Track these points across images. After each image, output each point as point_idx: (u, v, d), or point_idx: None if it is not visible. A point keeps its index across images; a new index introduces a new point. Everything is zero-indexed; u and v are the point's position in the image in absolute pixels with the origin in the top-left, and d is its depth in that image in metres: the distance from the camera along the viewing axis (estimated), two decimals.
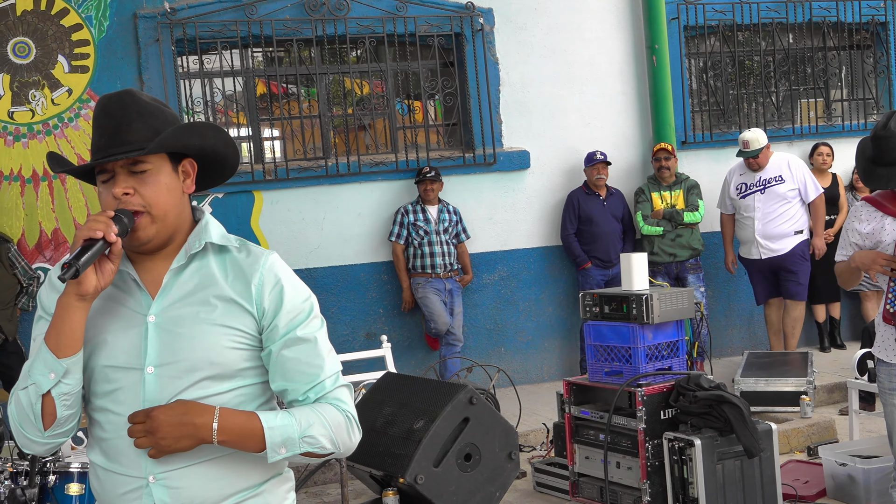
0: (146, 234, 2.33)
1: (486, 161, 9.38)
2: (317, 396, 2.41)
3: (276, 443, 2.31)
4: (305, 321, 2.42)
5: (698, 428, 5.56)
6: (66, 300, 2.25)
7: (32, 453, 2.52)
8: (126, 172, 2.31)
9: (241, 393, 2.36)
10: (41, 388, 2.26)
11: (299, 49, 9.10)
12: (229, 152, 2.48)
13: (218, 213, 8.65)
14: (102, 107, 2.33)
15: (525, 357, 9.56)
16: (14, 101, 8.24)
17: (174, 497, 2.29)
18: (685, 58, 10.20)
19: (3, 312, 7.66)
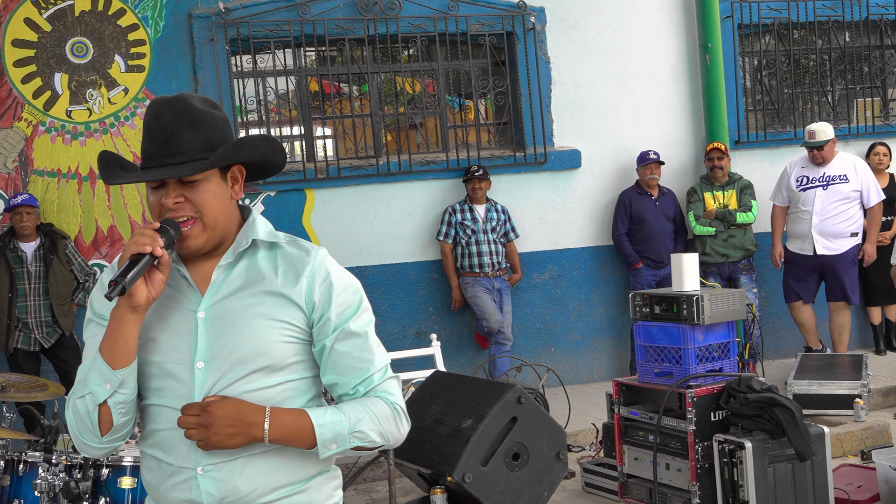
0: (196, 243, 2.36)
1: (536, 160, 9.36)
2: (366, 390, 2.43)
3: (327, 439, 2.33)
4: (356, 314, 2.44)
5: (749, 430, 5.50)
6: (119, 313, 2.28)
7: (90, 457, 2.56)
8: (176, 182, 2.33)
9: (289, 387, 2.39)
10: (98, 399, 2.30)
11: (351, 48, 9.15)
12: (278, 158, 2.51)
13: (270, 210, 8.74)
14: (154, 113, 2.34)
15: (575, 357, 9.54)
16: (72, 100, 8.37)
17: (220, 489, 2.31)
18: (739, 56, 10.10)
19: (61, 308, 7.80)
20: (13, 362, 7.74)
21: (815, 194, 8.81)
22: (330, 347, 2.40)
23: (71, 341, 7.89)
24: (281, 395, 2.37)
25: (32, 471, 4.46)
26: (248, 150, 2.41)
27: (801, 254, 8.93)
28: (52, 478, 4.21)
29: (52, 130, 8.33)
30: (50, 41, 8.31)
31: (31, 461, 4.50)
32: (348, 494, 6.95)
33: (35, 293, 7.75)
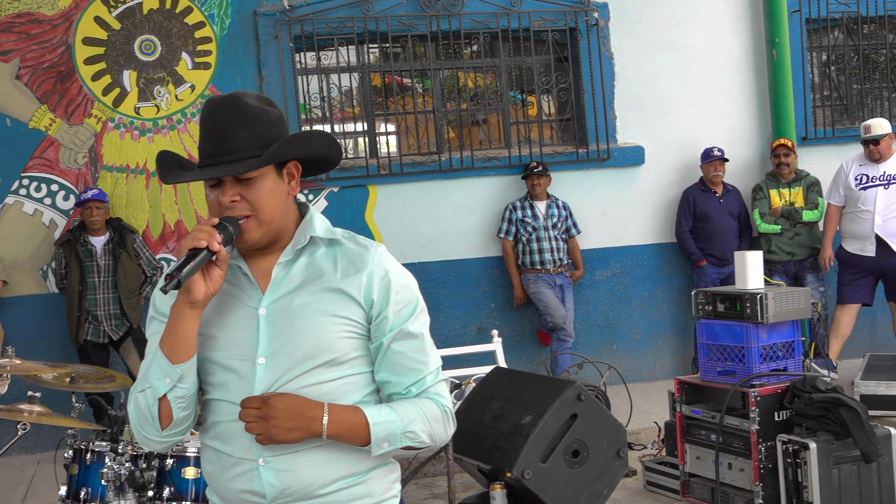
0: (252, 238, 2.38)
1: (599, 157, 9.32)
2: (418, 391, 2.45)
3: (380, 437, 2.36)
4: (413, 315, 2.45)
5: (814, 431, 5.43)
6: (178, 308, 2.31)
7: (151, 450, 2.60)
8: (232, 180, 2.35)
9: (349, 381, 2.41)
10: (157, 392, 2.34)
11: (414, 45, 9.18)
12: (333, 153, 2.52)
13: (333, 206, 8.81)
14: (210, 112, 2.37)
15: (637, 355, 9.48)
16: (140, 96, 8.52)
17: (282, 480, 2.34)
18: (807, 51, 9.95)
19: (129, 301, 7.94)
20: (83, 353, 7.89)
21: (876, 193, 8.51)
22: (386, 346, 2.42)
23: (139, 334, 8.03)
24: (340, 389, 2.39)
25: (99, 460, 4.55)
26: (302, 146, 2.43)
27: (861, 255, 8.61)
28: (118, 467, 4.28)
29: (121, 127, 8.48)
30: (119, 39, 8.47)
31: (98, 451, 4.58)
32: (409, 489, 6.99)
33: (104, 286, 7.89)
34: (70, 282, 7.89)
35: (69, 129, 8.38)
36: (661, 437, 6.93)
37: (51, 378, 4.87)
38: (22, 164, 8.31)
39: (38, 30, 8.33)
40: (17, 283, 8.26)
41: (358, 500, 2.41)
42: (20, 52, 8.30)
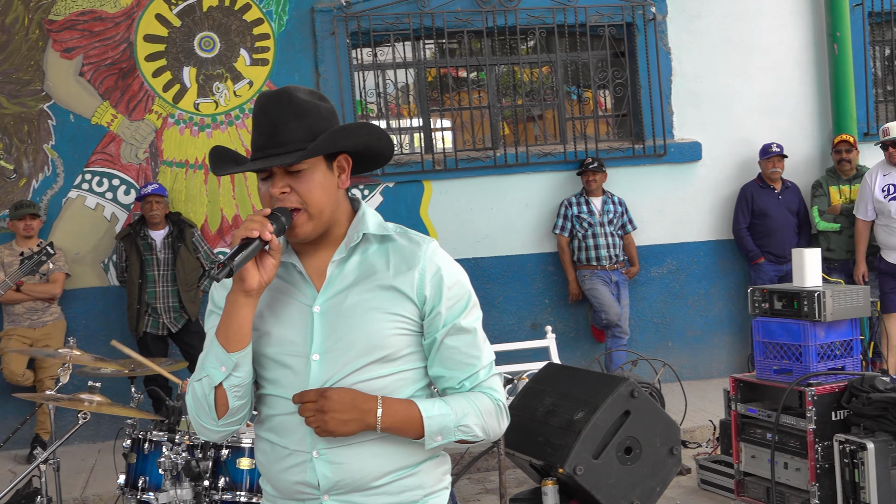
0: (303, 231, 2.40)
1: (656, 152, 9.26)
2: (472, 385, 2.47)
3: (434, 431, 2.38)
4: (466, 310, 2.47)
5: (872, 431, 5.36)
6: (233, 297, 2.34)
7: (208, 440, 2.64)
8: (283, 172, 2.38)
9: (402, 377, 2.43)
10: (213, 381, 2.37)
11: (470, 40, 9.20)
12: (383, 145, 2.52)
13: (388, 201, 8.86)
14: (261, 106, 2.40)
15: (693, 352, 9.41)
16: (199, 92, 8.63)
17: (336, 472, 2.37)
18: (869, 45, 9.79)
19: (187, 294, 8.05)
20: (143, 345, 8.02)
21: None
22: (440, 342, 2.44)
23: (197, 326, 8.14)
24: (394, 384, 2.41)
25: (157, 450, 4.63)
26: (350, 138, 2.44)
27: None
28: (175, 456, 4.36)
29: (181, 122, 8.60)
30: (179, 36, 8.59)
31: (155, 440, 4.67)
32: (462, 483, 7.01)
33: (163, 279, 8.01)
34: (130, 275, 8.02)
35: (130, 124, 8.52)
36: (716, 436, 6.88)
37: (111, 369, 4.97)
38: (85, 159, 8.47)
39: (101, 27, 8.48)
40: (79, 275, 8.43)
41: (410, 492, 2.43)
42: (83, 49, 8.45)
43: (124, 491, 4.69)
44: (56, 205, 8.44)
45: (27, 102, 8.40)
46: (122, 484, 4.70)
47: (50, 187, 8.43)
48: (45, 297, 7.96)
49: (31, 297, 7.88)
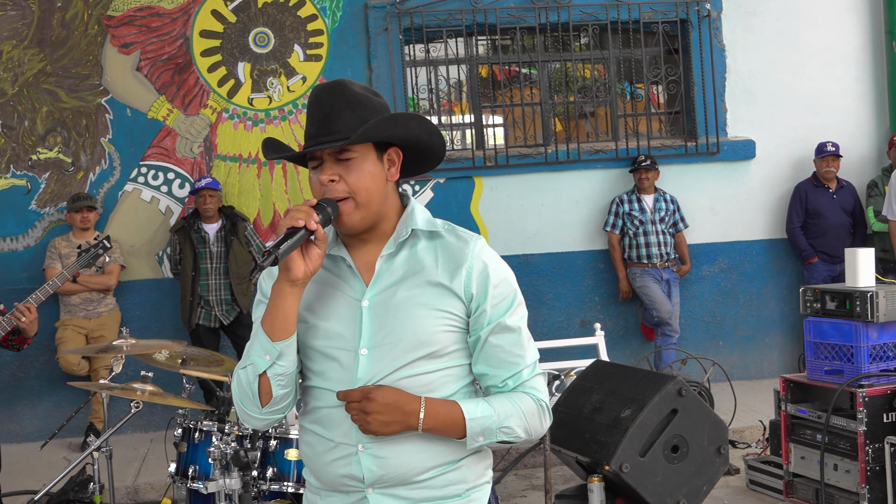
0: (350, 220, 2.41)
1: (709, 150, 9.19)
2: (515, 385, 2.47)
3: (476, 432, 2.40)
4: (511, 309, 2.47)
5: None
6: (279, 286, 2.36)
7: (251, 427, 2.66)
8: (333, 160, 2.39)
9: (448, 373, 2.45)
10: (258, 369, 2.39)
11: (522, 37, 9.19)
12: (435, 141, 2.53)
13: (439, 197, 8.88)
14: (315, 96, 2.43)
15: (744, 352, 9.33)
16: (253, 88, 8.73)
17: (380, 466, 2.39)
18: None
19: (240, 287, 8.14)
20: (195, 337, 8.12)
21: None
22: (484, 339, 2.44)
23: (248, 319, 8.21)
24: (440, 380, 2.43)
25: (207, 439, 4.70)
26: (401, 128, 2.44)
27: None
28: (224, 446, 4.41)
29: (235, 117, 8.70)
30: (234, 32, 8.69)
31: (205, 430, 4.73)
32: (508, 480, 7.03)
33: (216, 272, 8.11)
34: (184, 267, 8.13)
35: (185, 119, 8.63)
36: (766, 436, 6.82)
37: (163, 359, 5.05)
38: (140, 153, 8.60)
39: (158, 23, 8.60)
40: (134, 267, 8.56)
41: (453, 486, 2.45)
42: (141, 44, 8.58)
43: (175, 479, 4.76)
44: (112, 198, 8.58)
45: (86, 97, 8.55)
46: (172, 472, 4.77)
47: (106, 180, 8.57)
48: (101, 288, 8.11)
49: (86, 288, 8.03)
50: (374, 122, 2.38)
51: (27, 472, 7.25)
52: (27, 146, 8.49)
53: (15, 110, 8.47)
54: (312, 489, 2.56)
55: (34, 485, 6.79)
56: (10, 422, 8.21)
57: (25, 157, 8.50)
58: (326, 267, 2.50)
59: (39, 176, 8.52)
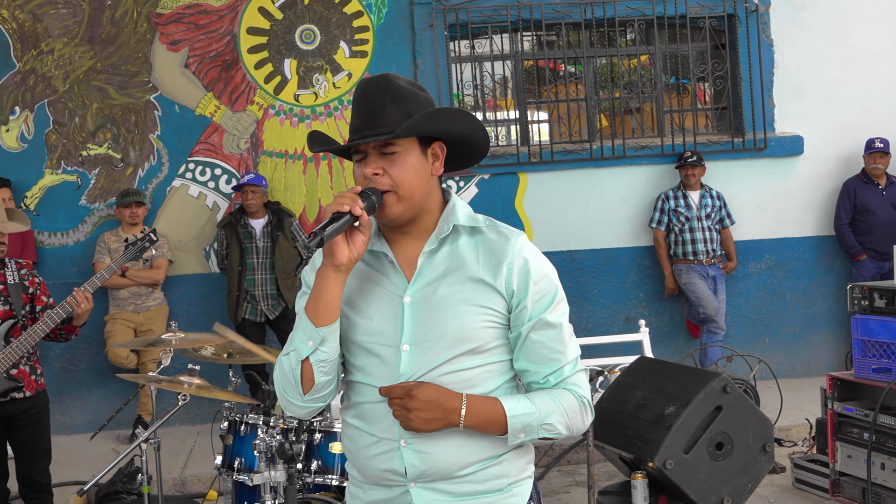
0: (393, 212, 2.43)
1: (756, 146, 9.11)
2: (557, 381, 2.48)
3: (517, 429, 2.41)
4: (552, 305, 2.47)
5: None
6: (322, 271, 2.38)
7: (293, 416, 2.69)
8: (377, 154, 2.42)
9: (489, 369, 2.46)
10: (301, 355, 2.41)
11: (568, 32, 9.17)
12: (478, 137, 2.53)
13: (483, 193, 8.89)
14: (361, 90, 2.45)
15: (791, 350, 9.24)
16: (300, 84, 8.79)
17: (423, 460, 2.41)
18: None
19: (285, 282, 8.20)
20: (241, 331, 8.15)
21: None
22: (525, 336, 2.45)
23: (294, 313, 8.21)
24: (481, 376, 2.44)
25: (253, 432, 4.75)
26: (444, 122, 2.45)
27: None
28: (269, 439, 4.46)
29: (281, 114, 8.77)
30: (281, 29, 8.75)
31: (251, 423, 4.79)
32: (551, 476, 7.03)
33: (262, 267, 8.17)
34: (230, 262, 8.21)
35: (232, 115, 8.71)
36: (812, 435, 6.76)
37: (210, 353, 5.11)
38: (188, 149, 8.70)
39: (206, 20, 8.69)
40: (181, 262, 8.66)
41: (494, 480, 2.46)
42: (189, 41, 8.67)
43: (221, 471, 4.82)
44: (160, 193, 8.68)
45: (135, 93, 8.66)
46: (218, 465, 4.83)
47: (155, 176, 8.67)
48: (149, 282, 8.21)
49: (134, 283, 8.13)
50: (418, 116, 2.39)
51: (76, 463, 7.36)
52: (77, 142, 8.62)
53: (66, 107, 8.60)
54: (355, 482, 2.58)
55: (83, 476, 6.89)
56: (60, 413, 8.34)
57: (76, 154, 8.62)
58: (368, 262, 2.52)
59: (89, 172, 8.64)
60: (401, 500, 2.46)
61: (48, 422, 5.45)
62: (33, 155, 8.58)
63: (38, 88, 8.57)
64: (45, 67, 8.57)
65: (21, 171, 8.53)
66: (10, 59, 8.53)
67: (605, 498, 5.29)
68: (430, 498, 2.44)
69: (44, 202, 8.60)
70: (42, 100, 8.57)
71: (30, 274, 5.34)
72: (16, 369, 5.18)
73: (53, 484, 5.59)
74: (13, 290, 5.21)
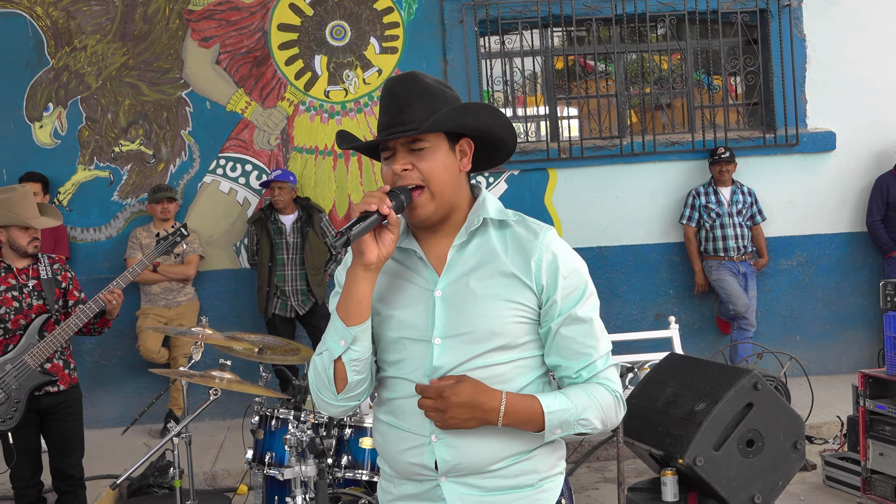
0: (425, 212, 2.43)
1: (787, 142, 9.05)
2: (589, 375, 2.48)
3: (554, 425, 2.41)
4: (581, 299, 2.47)
5: None
6: (353, 271, 2.39)
7: (327, 414, 2.71)
8: (406, 150, 2.42)
9: (521, 364, 2.46)
10: (333, 354, 2.42)
11: (598, 28, 9.14)
12: (506, 134, 2.53)
13: (513, 189, 8.88)
14: (388, 88, 2.45)
15: (822, 347, 9.17)
16: (330, 80, 8.81)
17: (454, 455, 2.41)
18: None
19: (315, 278, 8.23)
20: (271, 327, 8.24)
21: None
22: (555, 331, 2.45)
23: (323, 309, 8.30)
24: (513, 371, 2.44)
25: (283, 427, 4.78)
26: (472, 117, 2.46)
27: None
28: (300, 434, 4.48)
29: (311, 110, 8.80)
30: (312, 25, 8.78)
31: (282, 418, 4.82)
32: (580, 472, 7.02)
33: (292, 263, 8.20)
34: (261, 258, 8.25)
35: (263, 111, 8.75)
36: (844, 432, 6.72)
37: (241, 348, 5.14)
38: (219, 145, 8.74)
39: (237, 17, 8.73)
40: (212, 257, 8.71)
41: (525, 476, 2.47)
42: (220, 38, 8.72)
43: (252, 466, 4.85)
44: (192, 189, 8.74)
45: (166, 90, 8.72)
46: (249, 459, 4.86)
47: (186, 172, 8.73)
48: (180, 277, 8.26)
49: (165, 278, 8.19)
50: (445, 111, 2.40)
51: (108, 457, 7.43)
52: (110, 139, 8.69)
53: (98, 103, 8.67)
54: (386, 477, 2.59)
55: (115, 469, 6.96)
56: (92, 408, 8.41)
57: (108, 150, 8.70)
58: (398, 259, 2.52)
59: (121, 168, 8.71)
60: (431, 495, 2.47)
61: (81, 416, 5.51)
62: (66, 151, 8.66)
63: (71, 85, 8.65)
64: (79, 64, 8.65)
65: (54, 166, 8.61)
66: (43, 55, 8.62)
67: (635, 494, 5.28)
68: (461, 492, 2.44)
69: (76, 198, 8.68)
70: (75, 96, 8.65)
71: (62, 269, 5.40)
72: (49, 363, 5.24)
73: (86, 477, 5.65)
74: (46, 285, 5.27)
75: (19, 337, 5.16)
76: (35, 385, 5.15)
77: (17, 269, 5.27)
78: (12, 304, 5.18)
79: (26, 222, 5.19)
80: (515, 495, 2.46)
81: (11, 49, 8.58)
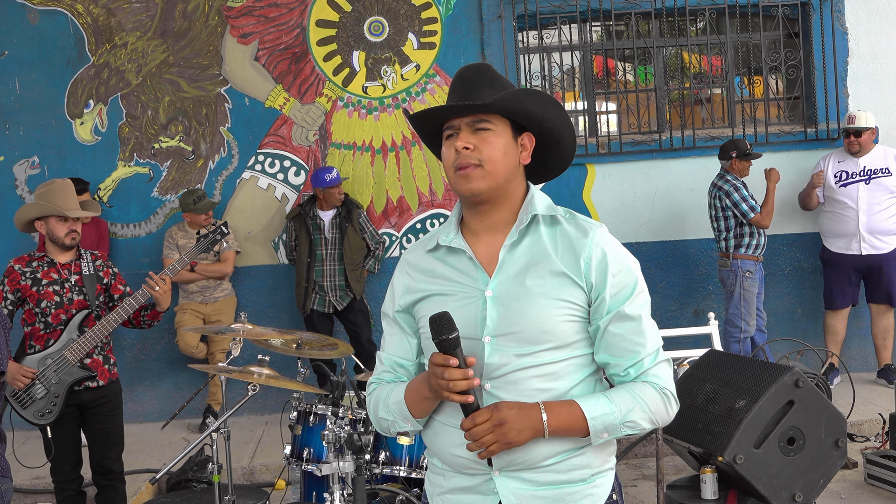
0: (477, 186, 2.45)
1: (829, 136, 8.94)
2: (637, 373, 2.48)
3: (599, 430, 2.41)
4: (631, 297, 2.48)
5: None
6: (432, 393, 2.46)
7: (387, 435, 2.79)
8: (469, 130, 2.46)
9: (572, 363, 2.47)
10: (396, 429, 2.59)
11: (637, 22, 9.08)
12: (566, 135, 2.56)
13: (551, 185, 8.80)
14: (460, 75, 2.52)
15: (864, 344, 9.04)
16: (368, 76, 8.82)
17: (508, 451, 2.42)
18: None
19: (353, 273, 8.24)
20: (309, 322, 8.26)
21: (857, 189, 8.28)
22: (604, 329, 2.46)
23: (361, 305, 8.32)
24: (565, 369, 2.45)
25: (321, 423, 4.80)
26: (538, 104, 2.49)
27: (846, 254, 8.36)
28: (338, 430, 4.49)
29: (349, 106, 8.81)
30: (350, 21, 8.79)
31: (320, 413, 4.84)
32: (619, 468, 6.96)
33: (331, 259, 8.22)
34: (299, 254, 8.27)
35: (301, 107, 8.78)
36: (885, 430, 6.64)
37: (279, 344, 5.16)
38: (258, 142, 8.78)
39: (276, 13, 8.76)
40: (250, 253, 8.76)
41: (578, 471, 2.48)
42: (259, 34, 8.76)
43: (290, 461, 4.88)
44: (230, 185, 8.78)
45: (206, 86, 8.77)
46: (287, 454, 4.88)
47: (225, 168, 8.78)
48: (218, 275, 8.30)
49: (203, 277, 8.23)
50: (513, 91, 2.46)
51: (148, 452, 7.50)
52: (150, 135, 8.75)
53: (138, 100, 8.74)
54: (436, 470, 2.62)
55: (154, 464, 7.02)
56: (132, 402, 8.49)
57: (148, 146, 8.76)
58: (446, 261, 2.55)
59: (161, 164, 8.77)
60: (483, 488, 2.49)
61: (121, 410, 5.56)
62: (107, 147, 8.74)
63: (111, 82, 8.73)
64: (119, 61, 8.72)
65: (95, 163, 8.69)
66: (84, 53, 8.69)
67: (674, 492, 5.24)
68: (514, 486, 2.46)
69: (116, 194, 8.75)
70: (115, 93, 8.72)
71: (104, 265, 5.44)
72: (89, 359, 5.29)
73: (126, 472, 5.70)
74: (88, 281, 5.31)
75: (60, 332, 5.22)
76: (74, 380, 5.21)
77: (60, 264, 5.33)
78: (53, 298, 5.23)
79: (63, 212, 5.23)
80: (568, 490, 2.48)
81: (53, 46, 8.67)
